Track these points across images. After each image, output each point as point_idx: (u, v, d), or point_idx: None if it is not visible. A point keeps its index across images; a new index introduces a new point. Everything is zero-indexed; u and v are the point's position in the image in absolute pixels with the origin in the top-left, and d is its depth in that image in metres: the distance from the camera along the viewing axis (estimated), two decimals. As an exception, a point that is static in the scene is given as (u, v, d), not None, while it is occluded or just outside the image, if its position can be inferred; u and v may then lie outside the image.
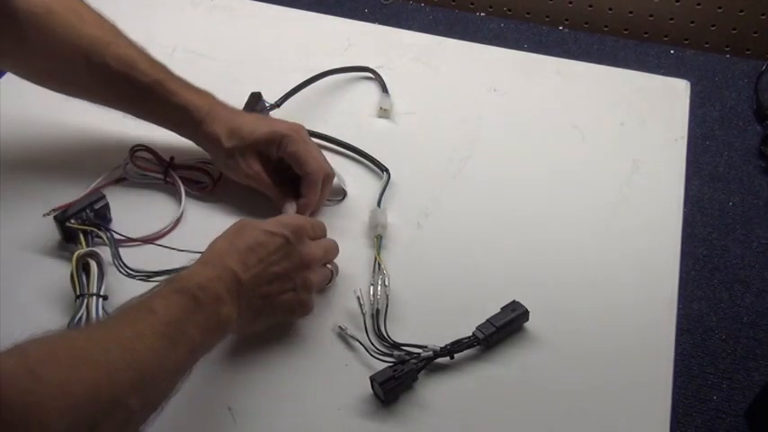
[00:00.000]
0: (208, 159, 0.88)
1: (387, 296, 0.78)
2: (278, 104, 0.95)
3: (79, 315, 0.74)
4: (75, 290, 0.76)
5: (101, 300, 0.76)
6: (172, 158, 0.88)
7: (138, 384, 0.58)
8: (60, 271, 0.79)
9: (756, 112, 1.01)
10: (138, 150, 0.88)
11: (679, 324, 0.79)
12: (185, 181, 0.88)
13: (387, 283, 0.79)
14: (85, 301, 0.75)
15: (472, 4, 1.18)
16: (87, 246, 0.79)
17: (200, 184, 0.89)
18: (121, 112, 0.87)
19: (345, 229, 0.85)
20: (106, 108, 0.87)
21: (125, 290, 0.77)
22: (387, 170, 0.90)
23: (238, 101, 0.93)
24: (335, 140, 0.93)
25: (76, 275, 0.76)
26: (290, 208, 0.83)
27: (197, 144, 0.86)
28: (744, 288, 0.84)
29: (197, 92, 0.85)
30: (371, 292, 0.78)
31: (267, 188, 0.85)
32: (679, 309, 0.80)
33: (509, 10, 1.18)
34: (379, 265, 0.80)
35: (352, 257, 0.82)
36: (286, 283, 0.73)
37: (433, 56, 1.06)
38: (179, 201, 0.87)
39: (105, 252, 0.79)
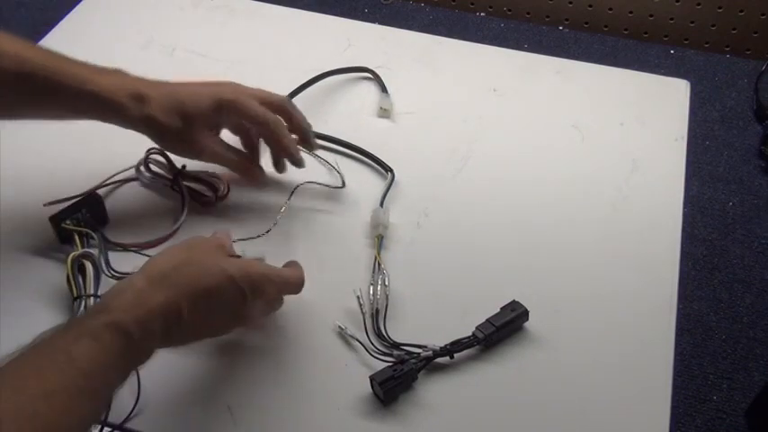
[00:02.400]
0: (216, 174, 0.87)
1: (386, 296, 0.78)
2: None
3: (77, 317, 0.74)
4: (72, 292, 0.76)
5: (98, 301, 0.76)
6: (183, 167, 0.88)
7: None
8: (59, 272, 0.79)
9: (756, 112, 1.01)
10: (153, 153, 0.88)
11: (679, 324, 0.79)
12: (191, 191, 0.87)
13: (387, 283, 0.79)
14: (83, 302, 0.75)
15: (472, 4, 1.18)
16: (83, 247, 0.79)
17: (205, 197, 0.88)
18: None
19: (346, 229, 0.85)
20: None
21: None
22: (391, 170, 0.90)
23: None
24: (338, 140, 0.93)
25: (72, 277, 0.76)
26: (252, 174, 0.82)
27: (130, 129, 0.79)
28: (744, 288, 0.84)
29: (107, 73, 0.78)
30: (371, 292, 0.78)
31: (227, 161, 0.82)
32: (679, 309, 0.80)
33: (509, 10, 1.18)
34: (379, 264, 0.80)
35: (352, 257, 0.82)
36: (215, 329, 0.70)
37: (433, 56, 1.06)
38: (180, 210, 0.86)
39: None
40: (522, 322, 0.76)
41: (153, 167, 0.88)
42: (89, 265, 0.77)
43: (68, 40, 1.07)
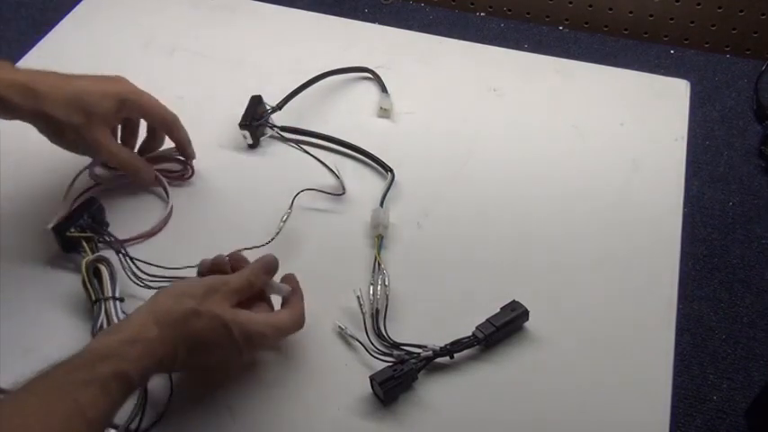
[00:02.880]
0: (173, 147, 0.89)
1: (387, 296, 0.78)
2: (279, 107, 0.95)
3: (100, 320, 0.74)
4: (90, 296, 0.76)
5: (118, 302, 0.76)
6: (140, 153, 0.88)
7: None
8: (64, 282, 0.80)
9: (756, 112, 1.01)
10: None
11: (679, 324, 0.79)
12: (162, 172, 0.88)
13: (387, 283, 0.79)
14: (103, 305, 0.75)
15: (472, 4, 1.18)
16: (93, 252, 0.79)
17: (176, 172, 0.89)
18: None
19: (346, 229, 0.85)
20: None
21: (137, 292, 0.78)
22: (391, 170, 0.90)
23: (238, 101, 0.93)
24: (338, 140, 0.93)
25: (89, 281, 0.76)
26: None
27: (22, 121, 0.78)
28: (744, 288, 0.84)
29: None
30: (371, 292, 0.78)
31: (121, 161, 0.82)
32: (679, 309, 0.80)
33: (509, 10, 1.18)
34: (379, 264, 0.80)
35: (352, 257, 0.82)
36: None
37: (433, 56, 1.06)
38: (160, 192, 0.87)
39: (110, 255, 0.80)
40: (522, 322, 0.76)
41: (111, 165, 0.87)
42: (104, 269, 0.77)
43: (68, 41, 1.07)
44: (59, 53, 1.05)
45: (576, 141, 0.95)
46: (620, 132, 0.96)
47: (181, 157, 0.89)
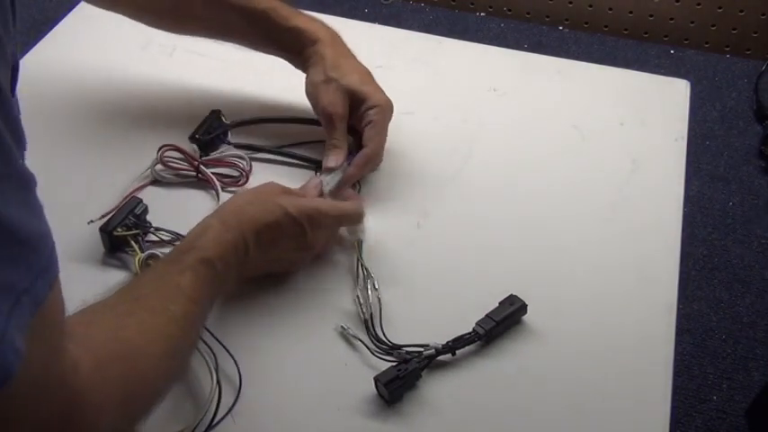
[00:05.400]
0: (237, 154, 0.89)
1: (379, 299, 0.77)
2: (233, 125, 0.92)
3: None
4: None
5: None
6: (201, 155, 0.88)
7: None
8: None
9: (756, 112, 1.01)
10: (167, 150, 0.88)
11: (679, 324, 0.79)
12: (217, 176, 0.88)
13: (376, 287, 0.78)
14: None
15: (472, 4, 1.18)
16: (142, 250, 0.79)
17: (232, 178, 0.89)
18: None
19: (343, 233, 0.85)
20: (126, 111, 0.89)
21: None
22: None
23: (238, 101, 0.94)
24: (290, 153, 0.92)
25: None
26: (332, 157, 0.85)
27: (299, 66, 0.89)
28: (744, 288, 0.84)
29: (308, 17, 0.90)
30: (362, 297, 0.77)
31: (332, 131, 0.86)
32: (679, 309, 0.80)
33: (509, 10, 1.18)
34: (365, 269, 0.80)
35: (350, 260, 0.82)
36: (285, 260, 0.79)
37: (433, 56, 1.06)
38: (212, 196, 0.87)
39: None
40: (521, 316, 0.76)
41: (171, 164, 0.88)
42: None
43: (69, 40, 1.07)
44: (59, 53, 1.05)
45: (576, 141, 0.95)
46: (620, 132, 0.96)
47: (241, 163, 0.89)
